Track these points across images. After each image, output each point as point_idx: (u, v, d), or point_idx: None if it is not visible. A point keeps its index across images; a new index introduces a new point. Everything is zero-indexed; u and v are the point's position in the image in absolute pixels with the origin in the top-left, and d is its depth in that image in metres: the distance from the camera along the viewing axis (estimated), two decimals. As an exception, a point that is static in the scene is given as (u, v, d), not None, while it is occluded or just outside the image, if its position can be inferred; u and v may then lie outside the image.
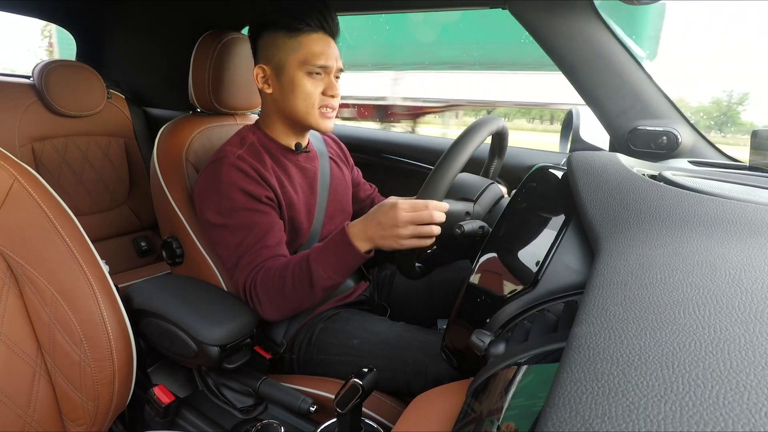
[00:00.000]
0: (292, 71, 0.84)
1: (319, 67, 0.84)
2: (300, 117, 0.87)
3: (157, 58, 1.63)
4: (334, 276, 0.76)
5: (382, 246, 0.73)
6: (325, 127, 0.88)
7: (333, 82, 0.86)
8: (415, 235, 0.70)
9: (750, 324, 0.25)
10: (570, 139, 0.97)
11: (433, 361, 0.77)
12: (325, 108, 0.87)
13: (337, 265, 0.76)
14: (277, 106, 0.90)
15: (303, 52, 0.83)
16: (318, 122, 0.87)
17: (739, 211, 0.40)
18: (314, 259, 0.76)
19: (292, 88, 0.85)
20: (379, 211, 0.72)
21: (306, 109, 0.86)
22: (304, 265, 0.76)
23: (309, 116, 0.86)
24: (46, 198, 0.58)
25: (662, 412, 0.20)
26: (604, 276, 0.34)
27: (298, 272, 0.77)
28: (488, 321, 0.49)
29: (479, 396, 0.39)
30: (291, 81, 0.85)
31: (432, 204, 0.68)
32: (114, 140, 1.54)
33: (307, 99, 0.85)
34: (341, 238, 0.75)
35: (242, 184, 0.82)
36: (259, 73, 0.88)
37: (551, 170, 0.59)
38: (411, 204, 0.69)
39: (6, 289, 0.55)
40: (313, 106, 0.86)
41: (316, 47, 0.83)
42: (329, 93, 0.86)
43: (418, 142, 1.36)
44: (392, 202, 0.71)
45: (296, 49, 0.83)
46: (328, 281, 0.76)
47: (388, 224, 0.70)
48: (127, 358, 0.61)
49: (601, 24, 0.89)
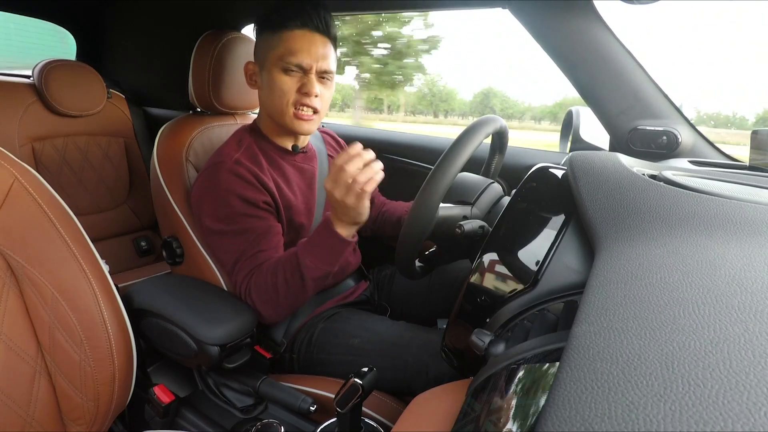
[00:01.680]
0: (270, 67, 0.83)
1: (295, 65, 0.81)
2: (276, 116, 0.86)
3: (157, 58, 1.63)
4: (322, 265, 0.77)
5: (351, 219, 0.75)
6: (300, 129, 0.86)
7: (311, 81, 0.82)
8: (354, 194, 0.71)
9: (750, 324, 0.25)
10: (570, 139, 0.97)
11: (434, 361, 0.77)
12: (301, 108, 0.83)
13: (323, 253, 0.77)
14: (263, 104, 0.91)
15: (280, 48, 0.82)
16: (292, 123, 0.85)
17: (739, 211, 0.40)
18: (301, 251, 0.78)
19: (270, 84, 0.84)
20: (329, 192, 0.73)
21: (281, 107, 0.84)
22: (293, 258, 0.78)
23: (284, 116, 0.85)
24: (46, 198, 0.58)
25: (662, 412, 0.20)
26: (603, 276, 0.34)
27: (288, 267, 0.78)
28: (488, 321, 0.49)
29: (479, 396, 0.39)
30: (269, 77, 0.84)
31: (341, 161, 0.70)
32: (114, 140, 1.54)
33: (282, 97, 0.83)
34: (323, 226, 0.77)
35: (240, 190, 0.82)
36: (249, 70, 0.89)
37: (551, 170, 0.59)
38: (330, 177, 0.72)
39: (6, 289, 0.55)
40: (288, 105, 0.83)
41: (295, 44, 0.81)
42: (303, 91, 0.82)
43: (418, 141, 1.36)
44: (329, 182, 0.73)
45: (275, 46, 0.82)
46: (316, 271, 0.77)
47: (337, 201, 0.72)
48: (127, 357, 0.61)
49: (601, 24, 0.89)
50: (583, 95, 0.95)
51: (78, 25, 1.70)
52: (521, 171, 0.65)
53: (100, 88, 1.46)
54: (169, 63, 1.60)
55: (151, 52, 1.64)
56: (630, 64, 0.90)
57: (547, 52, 0.94)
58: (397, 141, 1.38)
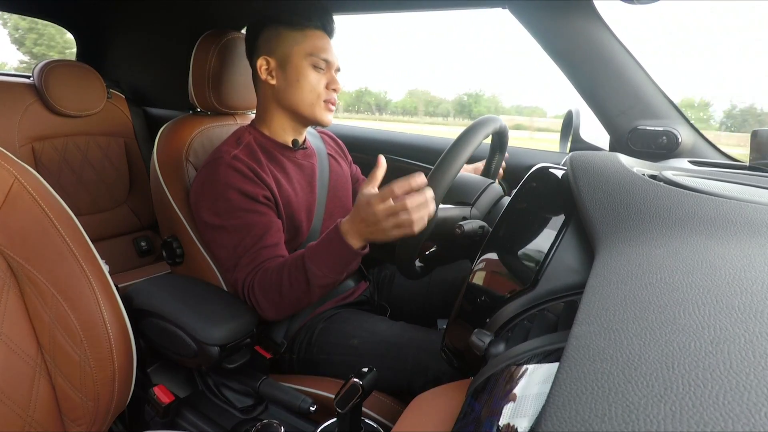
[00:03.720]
0: (299, 62, 0.86)
1: (323, 60, 0.87)
2: (304, 108, 0.89)
3: (157, 58, 1.63)
4: (330, 274, 0.75)
5: (374, 240, 0.72)
6: (327, 120, 0.91)
7: (335, 78, 0.90)
8: (398, 226, 0.67)
9: (750, 324, 0.25)
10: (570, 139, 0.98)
11: (434, 360, 0.77)
12: (328, 102, 0.90)
13: (332, 263, 0.74)
14: (278, 98, 0.90)
15: (309, 44, 0.86)
16: (322, 115, 0.90)
17: (739, 211, 0.40)
18: (309, 257, 0.75)
19: (298, 78, 0.87)
20: (359, 207, 0.70)
21: (311, 100, 0.88)
22: (300, 264, 0.76)
23: (314, 107, 0.89)
24: (46, 198, 0.58)
25: (662, 412, 0.20)
26: (603, 276, 0.34)
27: (294, 272, 0.76)
28: (488, 321, 0.49)
29: (479, 396, 0.39)
30: (297, 72, 0.87)
31: (398, 188, 0.65)
32: (114, 140, 1.54)
33: (313, 91, 0.88)
34: (335, 235, 0.74)
35: (239, 184, 0.82)
36: (263, 65, 0.89)
37: (551, 170, 0.59)
38: (380, 196, 0.66)
39: (6, 289, 0.55)
40: (319, 98, 0.88)
41: (320, 42, 0.87)
42: (332, 87, 0.89)
43: (418, 141, 1.36)
44: (366, 198, 0.68)
45: (301, 42, 0.86)
46: (324, 279, 0.75)
47: (371, 221, 0.68)
48: (127, 358, 0.61)
49: (601, 24, 0.89)
50: (583, 95, 0.95)
51: (78, 25, 1.70)
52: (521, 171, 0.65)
53: (100, 88, 1.46)
54: (169, 63, 1.60)
55: (151, 52, 1.64)
56: (630, 64, 0.90)
57: (547, 52, 0.94)
58: (397, 141, 1.38)
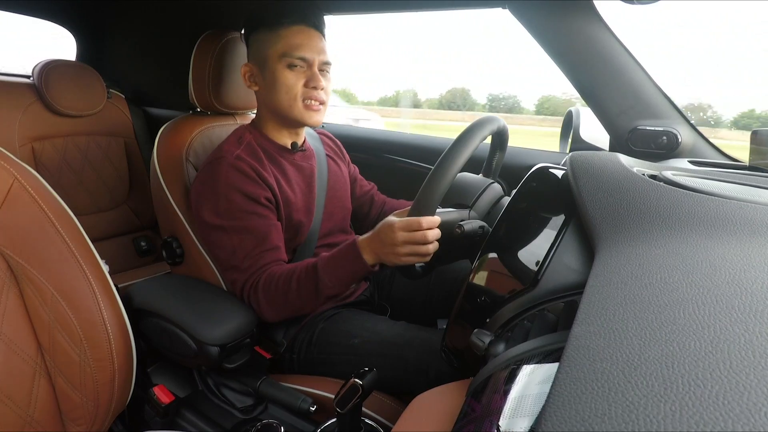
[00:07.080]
0: (273, 65, 0.84)
1: (299, 59, 0.83)
2: (284, 111, 0.87)
3: (157, 58, 1.63)
4: (339, 285, 0.78)
5: (385, 261, 0.75)
6: (311, 121, 0.87)
7: (315, 74, 0.85)
8: (412, 253, 0.72)
9: (750, 324, 0.25)
10: (570, 139, 0.98)
11: (434, 360, 0.77)
12: (309, 101, 0.85)
13: (344, 275, 0.77)
14: (265, 103, 0.90)
15: (282, 45, 0.83)
16: (303, 115, 0.86)
17: (739, 211, 0.40)
18: (322, 267, 0.77)
19: (274, 81, 0.85)
20: (382, 229, 0.74)
21: (288, 102, 0.85)
22: (312, 272, 0.78)
23: (292, 109, 0.86)
24: (46, 198, 0.58)
25: (662, 412, 0.20)
26: (603, 276, 0.34)
27: (304, 279, 0.78)
28: (488, 321, 0.49)
29: (479, 396, 0.39)
30: (273, 75, 0.85)
31: (426, 222, 0.70)
32: (114, 140, 1.54)
33: (289, 91, 0.84)
34: (351, 249, 0.77)
35: (241, 185, 0.82)
36: (246, 72, 0.89)
37: (551, 170, 0.59)
38: (406, 223, 0.71)
39: (6, 289, 0.55)
40: (296, 99, 0.85)
41: (296, 39, 0.83)
42: (311, 85, 0.85)
43: (418, 141, 1.36)
44: (390, 222, 0.73)
45: (275, 43, 0.84)
46: (332, 290, 0.78)
47: (388, 243, 0.72)
48: (127, 358, 0.61)
49: (601, 24, 0.89)
50: (583, 95, 0.95)
51: (78, 25, 1.70)
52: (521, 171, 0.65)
53: (100, 88, 1.45)
54: (169, 63, 1.60)
55: (151, 52, 1.64)
56: (630, 64, 0.90)
57: (547, 52, 0.94)
58: (397, 141, 1.38)
